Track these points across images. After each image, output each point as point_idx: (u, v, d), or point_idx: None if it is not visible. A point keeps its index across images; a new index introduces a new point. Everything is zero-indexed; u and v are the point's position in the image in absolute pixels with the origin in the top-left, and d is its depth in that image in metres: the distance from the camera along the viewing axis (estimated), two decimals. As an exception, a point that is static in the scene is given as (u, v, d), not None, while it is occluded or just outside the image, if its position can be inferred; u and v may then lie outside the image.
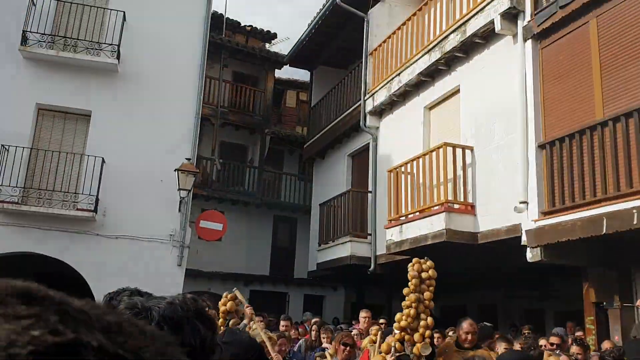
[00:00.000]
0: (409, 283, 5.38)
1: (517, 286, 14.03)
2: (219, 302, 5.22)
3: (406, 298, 5.33)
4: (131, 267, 11.29)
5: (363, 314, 8.32)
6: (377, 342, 5.84)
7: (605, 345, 6.92)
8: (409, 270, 5.47)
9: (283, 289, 17.99)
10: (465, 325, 5.39)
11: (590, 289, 8.11)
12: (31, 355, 0.31)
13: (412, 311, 5.25)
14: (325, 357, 5.46)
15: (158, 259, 11.80)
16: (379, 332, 6.01)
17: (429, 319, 5.30)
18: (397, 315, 5.42)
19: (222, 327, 5.09)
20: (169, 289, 11.50)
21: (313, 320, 8.17)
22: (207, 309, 1.38)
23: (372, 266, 12.45)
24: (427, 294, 5.36)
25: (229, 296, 5.26)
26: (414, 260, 5.61)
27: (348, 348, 5.48)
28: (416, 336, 5.26)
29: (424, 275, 5.45)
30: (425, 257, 5.72)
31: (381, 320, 9.24)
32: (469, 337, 5.33)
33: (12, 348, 0.31)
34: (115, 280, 10.97)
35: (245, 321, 5.01)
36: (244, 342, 2.40)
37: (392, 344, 5.16)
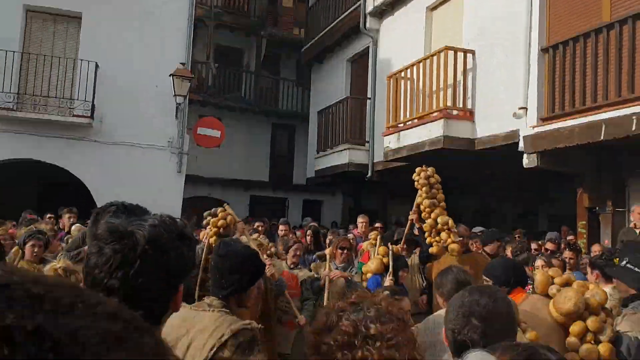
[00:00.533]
0: (420, 191, 5.41)
1: (512, 190, 14.24)
2: (213, 221, 5.25)
3: (421, 206, 5.38)
4: (131, 174, 11.39)
5: (360, 219, 8.52)
6: (377, 245, 6.01)
7: (595, 248, 7.11)
8: (416, 179, 5.49)
9: (282, 194, 18.28)
10: (461, 230, 5.57)
11: (584, 195, 8.22)
12: None
13: (431, 221, 5.33)
14: (325, 261, 5.63)
15: (157, 165, 11.87)
16: (378, 237, 6.16)
17: (450, 221, 5.37)
18: (426, 226, 5.43)
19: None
20: (169, 195, 11.69)
21: (307, 226, 8.36)
22: (185, 228, 1.36)
23: (369, 173, 12.56)
24: (440, 196, 5.46)
25: (226, 212, 5.29)
26: (418, 169, 5.61)
27: (345, 251, 5.65)
28: (443, 235, 5.37)
29: (431, 180, 5.50)
30: (424, 165, 5.74)
31: (377, 224, 9.47)
32: (463, 241, 5.51)
33: None
34: (116, 187, 11.13)
35: (236, 236, 5.09)
36: (240, 253, 2.42)
37: (390, 248, 5.30)
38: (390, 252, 5.22)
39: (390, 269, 5.03)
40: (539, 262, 5.10)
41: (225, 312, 2.20)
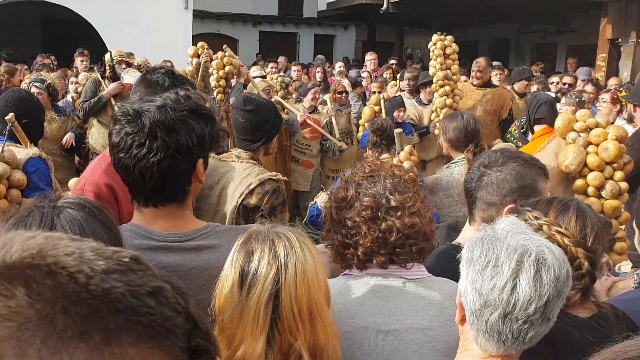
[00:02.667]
0: (434, 62, 5.23)
1: (532, 21, 13.70)
2: (218, 65, 5.21)
3: (434, 78, 5.24)
4: (137, 12, 11.03)
5: (369, 56, 8.41)
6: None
7: (612, 81, 7.03)
8: (431, 49, 5.27)
9: (293, 29, 17.73)
10: (481, 62, 5.51)
11: (608, 25, 7.92)
12: None
13: (445, 89, 5.22)
14: (326, 104, 5.72)
15: (163, 2, 11.45)
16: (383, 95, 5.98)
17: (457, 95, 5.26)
18: (436, 103, 5.32)
19: (221, 89, 5.19)
20: (177, 32, 11.41)
21: (316, 64, 8.34)
22: (203, 103, 1.43)
23: (385, 5, 12.03)
24: (454, 68, 5.25)
25: (227, 55, 5.23)
26: (435, 38, 5.33)
27: (343, 94, 5.85)
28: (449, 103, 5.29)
29: (447, 51, 5.27)
30: (444, 33, 5.40)
31: (392, 61, 9.31)
32: (478, 74, 5.48)
33: None
34: (124, 26, 10.84)
35: (241, 80, 5.07)
36: (267, 106, 2.49)
37: (381, 96, 5.30)
38: (381, 99, 5.25)
39: (383, 114, 5.08)
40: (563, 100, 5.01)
41: (252, 163, 2.32)
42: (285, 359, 1.14)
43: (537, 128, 3.61)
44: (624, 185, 2.84)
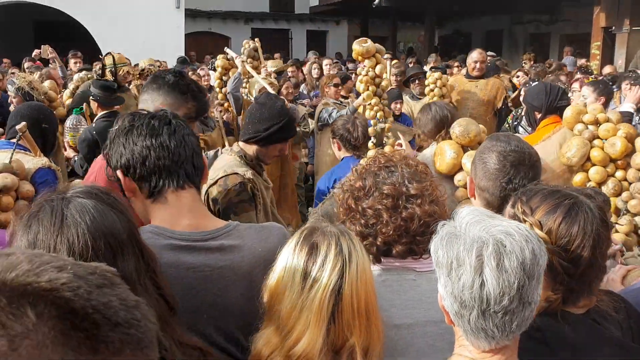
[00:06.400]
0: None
1: (525, 11, 13.70)
2: (218, 65, 5.31)
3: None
4: (129, 12, 10.96)
5: (366, 51, 8.33)
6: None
7: (607, 70, 7.02)
8: (429, 86, 5.36)
9: (285, 25, 17.68)
10: (475, 54, 5.51)
11: (601, 13, 7.91)
12: None
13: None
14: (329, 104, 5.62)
15: (155, 1, 11.39)
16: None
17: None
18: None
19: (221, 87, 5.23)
20: (170, 32, 11.36)
21: (311, 60, 8.27)
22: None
23: (377, -1, 12.00)
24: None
25: (227, 57, 5.30)
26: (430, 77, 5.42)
27: (339, 88, 5.68)
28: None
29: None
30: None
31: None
32: (478, 65, 5.46)
33: None
34: (116, 27, 10.78)
35: (239, 70, 5.03)
36: (273, 109, 2.37)
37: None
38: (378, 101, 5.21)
39: None
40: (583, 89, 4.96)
41: (238, 157, 2.31)
42: (336, 355, 1.14)
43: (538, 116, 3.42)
44: (626, 185, 2.76)
